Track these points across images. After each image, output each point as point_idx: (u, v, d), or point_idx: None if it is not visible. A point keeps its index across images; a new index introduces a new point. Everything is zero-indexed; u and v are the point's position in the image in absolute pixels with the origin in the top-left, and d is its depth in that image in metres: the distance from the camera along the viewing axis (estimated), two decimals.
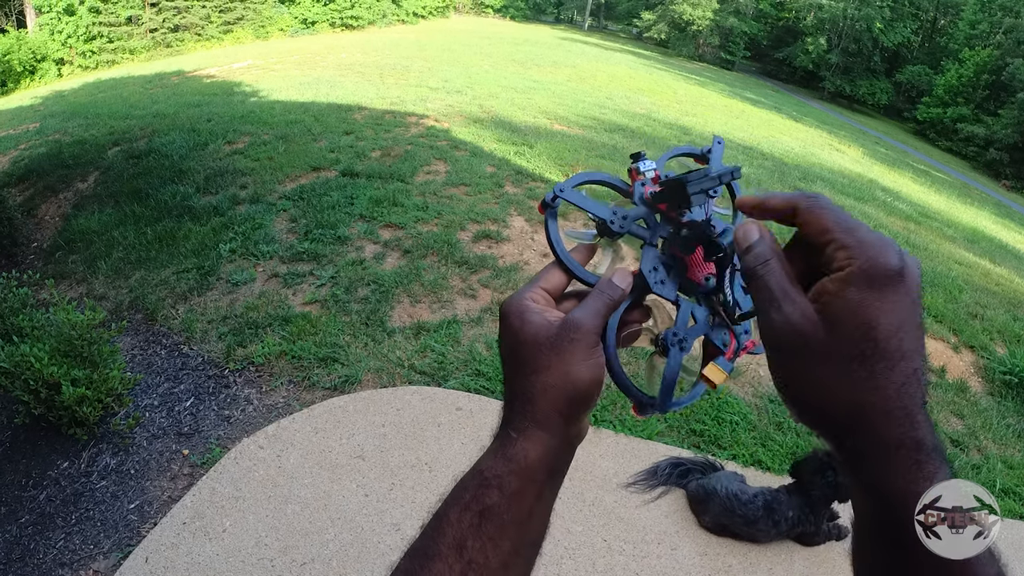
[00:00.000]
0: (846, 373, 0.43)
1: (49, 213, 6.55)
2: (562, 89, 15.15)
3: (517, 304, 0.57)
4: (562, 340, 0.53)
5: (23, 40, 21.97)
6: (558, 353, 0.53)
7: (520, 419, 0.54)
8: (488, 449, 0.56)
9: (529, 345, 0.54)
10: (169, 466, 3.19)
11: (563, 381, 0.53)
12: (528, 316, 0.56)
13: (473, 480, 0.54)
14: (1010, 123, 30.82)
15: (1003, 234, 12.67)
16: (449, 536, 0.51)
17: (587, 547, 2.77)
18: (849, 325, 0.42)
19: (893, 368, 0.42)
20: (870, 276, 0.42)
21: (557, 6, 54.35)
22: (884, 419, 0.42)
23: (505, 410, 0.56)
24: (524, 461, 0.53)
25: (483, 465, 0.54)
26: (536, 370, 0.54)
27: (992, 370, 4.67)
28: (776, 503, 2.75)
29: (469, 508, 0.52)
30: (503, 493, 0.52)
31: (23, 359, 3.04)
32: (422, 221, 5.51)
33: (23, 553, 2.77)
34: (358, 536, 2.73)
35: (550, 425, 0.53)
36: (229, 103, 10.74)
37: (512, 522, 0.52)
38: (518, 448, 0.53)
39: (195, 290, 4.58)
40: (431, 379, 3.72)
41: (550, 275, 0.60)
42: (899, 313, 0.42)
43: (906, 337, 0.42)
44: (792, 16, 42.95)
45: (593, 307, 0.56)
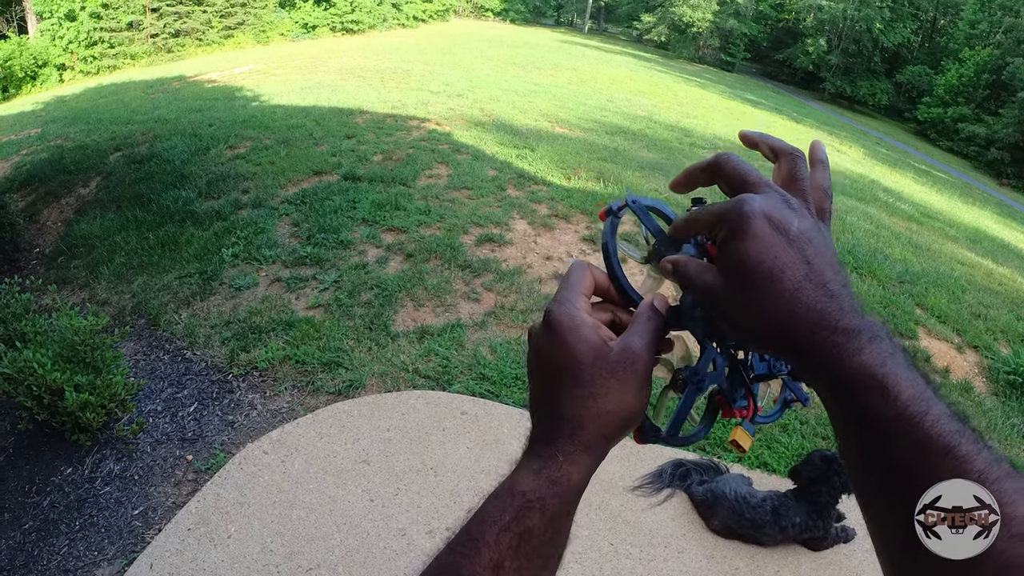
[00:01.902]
0: (750, 302, 0.49)
1: (51, 218, 6.55)
2: (563, 92, 15.16)
3: (569, 316, 0.55)
4: (622, 368, 0.53)
5: (24, 46, 22.04)
6: (618, 380, 0.53)
7: (567, 442, 0.53)
8: (523, 466, 0.55)
9: (587, 367, 0.53)
10: (173, 472, 3.18)
11: (619, 409, 0.53)
12: (583, 333, 0.54)
13: (513, 501, 0.53)
14: (1011, 122, 30.78)
15: (1005, 234, 12.67)
16: (486, 557, 0.51)
17: (594, 551, 2.76)
18: (729, 268, 0.50)
19: (776, 282, 0.48)
20: (735, 219, 0.49)
21: (557, 9, 54.41)
22: (788, 322, 0.48)
23: (542, 428, 0.56)
24: (568, 484, 0.53)
25: (524, 486, 0.53)
26: (593, 395, 0.53)
27: (996, 370, 4.65)
28: (784, 508, 2.74)
29: (509, 529, 0.51)
30: (544, 515, 0.52)
31: (26, 365, 3.03)
32: (424, 225, 5.51)
33: (27, 559, 2.76)
34: (364, 541, 2.72)
35: (596, 450, 0.54)
36: (230, 108, 10.76)
37: (548, 542, 0.53)
38: (563, 472, 0.53)
39: (198, 295, 4.58)
40: (435, 383, 3.72)
41: (585, 279, 0.59)
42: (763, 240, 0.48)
43: (778, 256, 0.48)
44: (792, 17, 42.95)
45: (646, 334, 0.56)
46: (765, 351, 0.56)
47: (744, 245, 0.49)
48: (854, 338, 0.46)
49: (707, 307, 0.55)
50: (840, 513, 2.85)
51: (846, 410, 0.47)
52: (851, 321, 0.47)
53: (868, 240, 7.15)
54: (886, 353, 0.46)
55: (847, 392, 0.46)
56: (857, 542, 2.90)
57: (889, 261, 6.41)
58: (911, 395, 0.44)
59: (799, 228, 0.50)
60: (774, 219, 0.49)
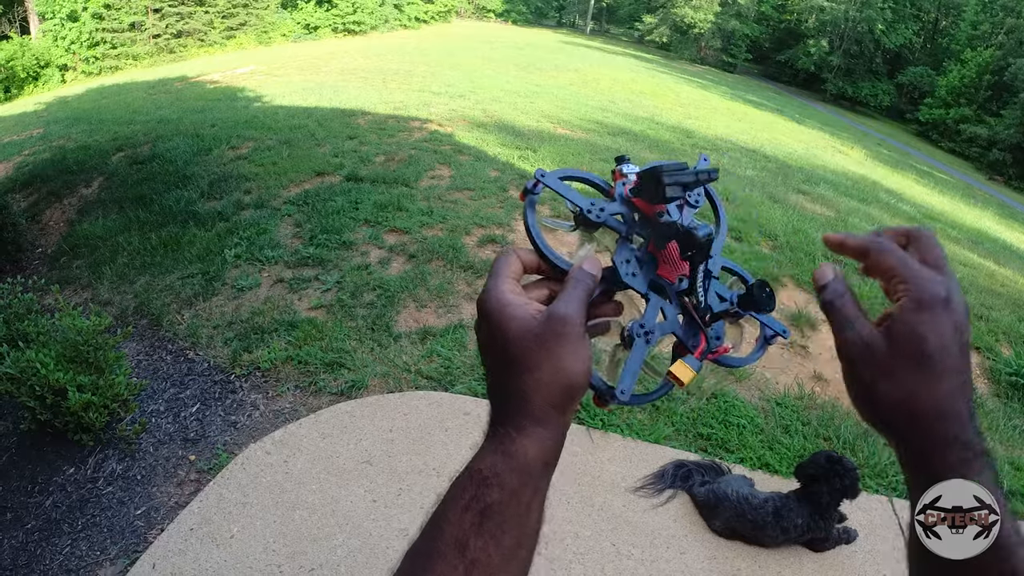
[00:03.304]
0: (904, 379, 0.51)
1: (54, 219, 6.56)
2: (565, 93, 15.17)
3: (495, 300, 0.56)
4: (550, 335, 0.54)
5: (27, 46, 22.11)
6: (548, 349, 0.54)
7: (517, 417, 0.54)
8: (482, 448, 0.56)
9: (517, 342, 0.55)
10: (176, 472, 3.18)
11: (556, 376, 0.54)
12: (509, 311, 0.56)
13: (471, 480, 0.54)
14: (1013, 123, 30.80)
15: (1007, 235, 12.64)
16: (449, 536, 0.52)
17: (596, 551, 2.76)
18: (905, 340, 0.52)
19: (942, 377, 0.50)
20: (921, 301, 0.52)
21: (559, 10, 54.50)
22: (937, 419, 0.50)
23: (496, 409, 0.57)
24: (524, 458, 0.54)
25: (481, 464, 0.55)
26: (528, 368, 0.54)
27: (998, 371, 4.64)
28: (785, 510, 2.73)
29: (470, 508, 0.53)
30: (504, 491, 0.53)
31: (29, 365, 3.03)
32: (427, 226, 5.51)
33: (29, 559, 2.76)
34: (366, 542, 2.72)
35: (547, 421, 0.54)
36: (232, 108, 10.78)
37: (513, 518, 0.53)
38: (518, 445, 0.54)
39: (200, 295, 4.59)
40: (438, 384, 3.72)
41: (512, 262, 0.60)
42: (945, 331, 0.51)
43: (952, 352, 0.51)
44: (794, 18, 42.98)
45: (575, 297, 0.56)
46: (886, 432, 0.56)
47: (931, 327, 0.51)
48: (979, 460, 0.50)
49: (845, 357, 0.56)
50: (842, 514, 2.85)
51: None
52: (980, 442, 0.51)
53: None
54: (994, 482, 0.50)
55: None
56: (859, 543, 2.90)
57: None
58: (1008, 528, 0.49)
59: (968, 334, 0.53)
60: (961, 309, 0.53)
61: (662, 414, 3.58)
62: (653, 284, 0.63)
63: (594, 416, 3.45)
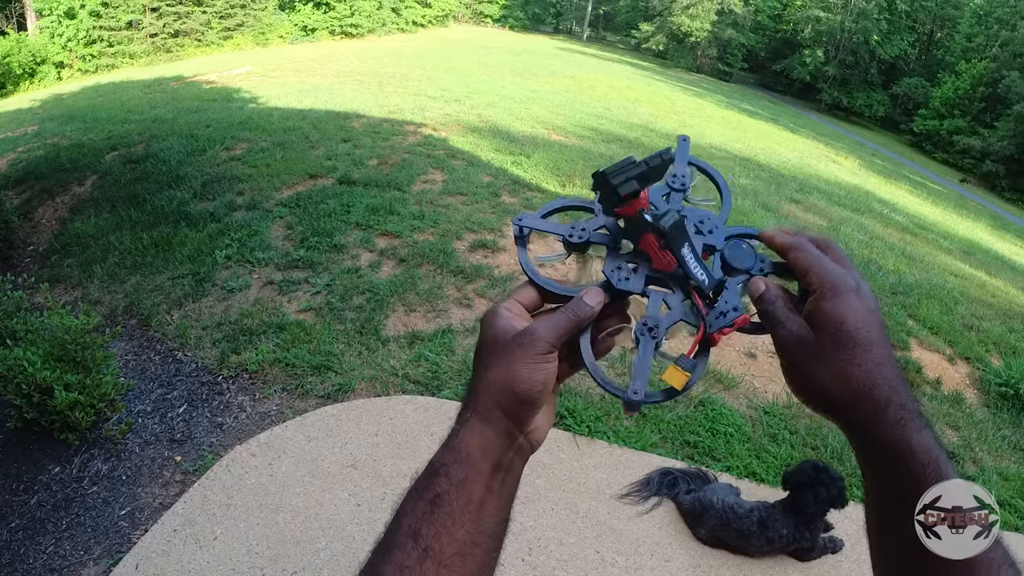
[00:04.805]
0: (834, 359, 0.56)
1: (46, 216, 6.54)
2: (560, 99, 15.21)
3: (492, 312, 0.62)
4: (514, 344, 0.58)
5: (23, 43, 22.03)
6: (508, 354, 0.58)
7: (466, 412, 0.59)
8: (441, 444, 0.60)
9: (488, 346, 0.60)
10: (161, 473, 3.17)
11: (507, 380, 0.58)
12: (496, 322, 0.61)
13: (426, 472, 0.57)
14: (1006, 135, 30.99)
15: (999, 245, 12.72)
16: (405, 525, 0.54)
17: (580, 559, 2.76)
18: (826, 324, 0.57)
19: (867, 350, 0.55)
20: (834, 289, 0.57)
21: (556, 16, 54.70)
22: (872, 388, 0.55)
23: (460, 408, 0.61)
24: (466, 450, 0.57)
25: (434, 456, 0.58)
26: (487, 367, 0.59)
27: (988, 382, 4.67)
28: (771, 520, 2.73)
29: (422, 497, 0.55)
30: (450, 481, 0.55)
31: (16, 363, 3.03)
32: (418, 230, 5.51)
33: (12, 558, 2.75)
34: (349, 545, 2.71)
35: (490, 418, 0.58)
36: (227, 109, 10.76)
37: (462, 510, 0.55)
38: (460, 438, 0.58)
39: (190, 296, 4.58)
40: (425, 388, 3.72)
41: (525, 291, 0.66)
42: (860, 311, 0.57)
43: (871, 330, 0.56)
44: (790, 28, 43.22)
45: (554, 321, 0.60)
46: (828, 411, 0.59)
47: (845, 310, 0.56)
48: (916, 419, 0.54)
49: (781, 351, 0.61)
50: (828, 524, 2.85)
51: (898, 480, 0.54)
52: (914, 403, 0.55)
53: (862, 251, 7.18)
54: (935, 439, 0.54)
55: (906, 467, 0.53)
56: (845, 553, 2.91)
57: (882, 272, 6.44)
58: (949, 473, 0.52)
59: (881, 316, 0.58)
60: (870, 295, 0.59)
61: (649, 421, 3.59)
62: (652, 280, 0.65)
63: (580, 422, 3.46)
